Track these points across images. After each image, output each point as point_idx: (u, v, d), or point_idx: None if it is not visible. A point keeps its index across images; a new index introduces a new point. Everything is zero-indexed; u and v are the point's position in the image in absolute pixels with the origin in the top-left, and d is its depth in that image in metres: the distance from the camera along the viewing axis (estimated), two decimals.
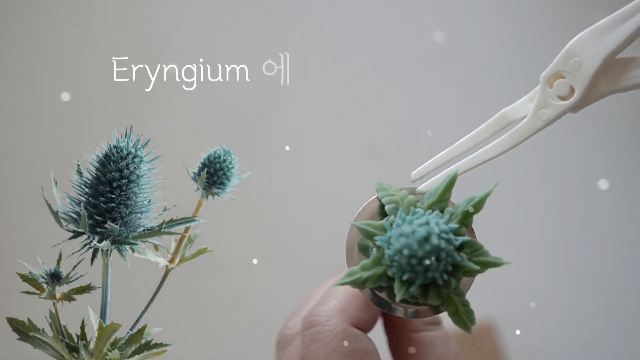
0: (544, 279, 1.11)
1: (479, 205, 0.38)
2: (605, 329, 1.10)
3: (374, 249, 0.39)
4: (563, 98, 0.42)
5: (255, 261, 1.04)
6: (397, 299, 0.37)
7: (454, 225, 0.38)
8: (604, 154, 1.13)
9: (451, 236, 0.37)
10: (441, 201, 0.39)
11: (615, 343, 1.10)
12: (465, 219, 0.38)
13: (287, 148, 1.08)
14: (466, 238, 0.38)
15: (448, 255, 0.37)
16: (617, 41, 0.42)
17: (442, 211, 0.39)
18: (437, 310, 0.39)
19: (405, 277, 0.37)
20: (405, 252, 0.37)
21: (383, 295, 0.41)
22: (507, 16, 1.12)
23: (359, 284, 0.38)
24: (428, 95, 1.07)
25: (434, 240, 0.36)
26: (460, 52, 1.11)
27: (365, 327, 0.47)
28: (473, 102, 1.06)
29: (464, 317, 0.38)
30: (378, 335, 0.50)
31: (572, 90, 0.42)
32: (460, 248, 0.38)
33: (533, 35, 1.08)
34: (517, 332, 1.07)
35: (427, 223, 0.37)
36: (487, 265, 0.38)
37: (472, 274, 0.38)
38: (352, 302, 0.47)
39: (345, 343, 0.44)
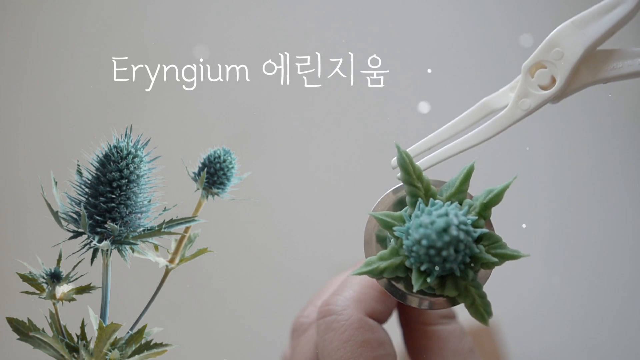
0: (545, 279, 1.11)
1: (497, 198, 0.39)
2: (605, 329, 1.10)
3: (392, 240, 0.39)
4: (544, 88, 0.43)
5: (256, 261, 1.04)
6: (415, 289, 0.38)
7: (472, 217, 0.38)
8: (608, 154, 1.13)
9: (470, 228, 0.37)
10: (459, 192, 0.40)
11: (616, 343, 1.10)
12: (484, 211, 0.39)
13: (287, 148, 1.08)
14: (484, 230, 0.38)
15: (466, 247, 0.37)
16: (599, 32, 0.42)
17: (460, 203, 0.40)
18: (453, 302, 0.40)
19: (423, 268, 0.37)
20: (424, 242, 0.37)
21: (400, 286, 0.42)
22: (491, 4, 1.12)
23: (376, 273, 0.39)
24: (431, 94, 1.08)
25: (453, 232, 0.37)
26: (453, 44, 1.11)
27: (380, 318, 0.47)
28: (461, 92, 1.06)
29: (480, 309, 0.38)
30: (393, 328, 0.50)
31: (554, 80, 0.42)
32: (479, 240, 0.38)
33: (516, 23, 1.08)
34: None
35: (447, 214, 0.37)
36: (505, 257, 0.38)
37: (489, 266, 0.38)
38: (368, 292, 0.47)
39: (360, 332, 0.45)
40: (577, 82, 0.42)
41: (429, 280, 0.37)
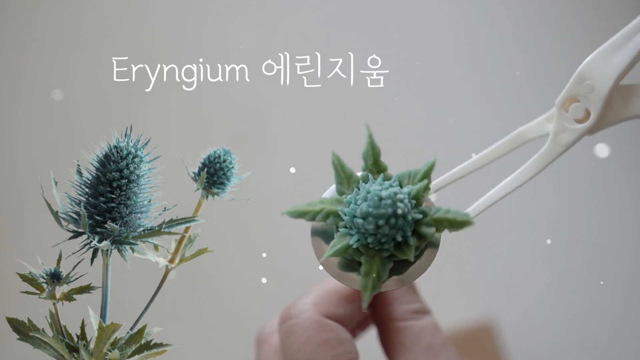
0: (544, 279, 1.11)
1: (425, 175, 0.40)
2: (606, 329, 1.10)
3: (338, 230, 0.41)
4: (579, 121, 0.43)
5: (256, 261, 1.04)
6: (362, 258, 0.40)
7: (411, 187, 0.40)
8: (607, 154, 1.12)
9: (405, 196, 0.39)
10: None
11: (616, 343, 1.10)
12: (421, 190, 0.40)
13: (287, 148, 1.08)
14: (425, 208, 0.40)
15: (408, 212, 0.39)
16: (627, 59, 0.42)
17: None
18: (402, 282, 0.41)
19: (370, 240, 0.39)
20: (368, 212, 0.38)
21: (354, 274, 0.43)
22: (520, 18, 1.12)
23: (340, 252, 0.40)
24: (433, 94, 1.08)
25: (393, 201, 0.38)
26: (468, 56, 1.11)
27: (340, 321, 0.47)
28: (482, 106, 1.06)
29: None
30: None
31: (588, 113, 0.43)
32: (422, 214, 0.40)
33: (515, 23, 1.08)
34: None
35: (386, 187, 0.39)
36: (442, 222, 0.39)
37: (430, 233, 0.39)
38: (327, 296, 0.47)
39: (319, 332, 0.45)
40: (613, 114, 0.43)
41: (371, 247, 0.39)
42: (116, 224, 0.41)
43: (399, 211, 0.38)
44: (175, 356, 0.45)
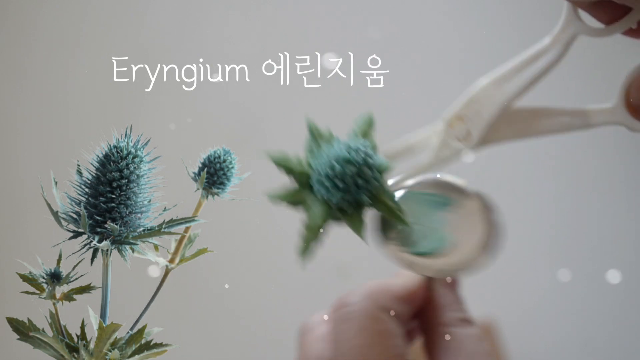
0: (545, 280, 1.11)
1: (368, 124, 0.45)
2: (606, 329, 1.10)
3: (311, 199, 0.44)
4: (461, 140, 0.45)
5: (256, 261, 1.04)
6: (334, 201, 0.42)
7: (363, 140, 0.43)
8: (609, 154, 1.13)
9: (362, 146, 0.43)
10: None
11: (616, 343, 1.10)
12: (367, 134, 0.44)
13: (287, 148, 1.08)
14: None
15: (366, 155, 0.42)
16: (516, 90, 0.44)
17: None
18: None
19: (342, 186, 0.42)
20: (330, 165, 0.42)
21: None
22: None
23: (322, 215, 0.43)
24: (429, 93, 1.07)
25: (350, 152, 0.42)
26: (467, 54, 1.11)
27: (394, 318, 0.48)
28: None
29: (396, 212, 0.43)
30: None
31: (470, 134, 0.45)
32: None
33: (514, 22, 1.08)
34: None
35: (340, 143, 0.43)
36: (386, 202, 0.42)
37: (385, 166, 0.42)
38: (383, 292, 0.48)
39: (375, 323, 0.46)
40: (494, 136, 0.45)
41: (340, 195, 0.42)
42: (116, 224, 0.41)
43: (366, 158, 0.42)
44: (175, 356, 0.45)
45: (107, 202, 0.41)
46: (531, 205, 1.10)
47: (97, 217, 0.41)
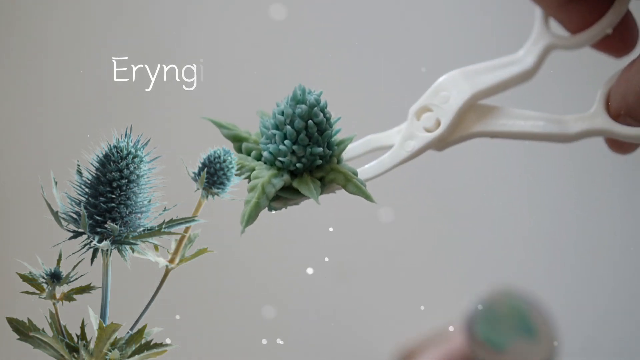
0: (545, 279, 1.11)
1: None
2: (606, 329, 1.10)
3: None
4: (429, 130, 0.44)
5: (256, 261, 1.04)
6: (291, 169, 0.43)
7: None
8: (608, 154, 1.12)
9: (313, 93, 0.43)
10: None
11: (616, 343, 1.10)
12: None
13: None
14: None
15: (317, 99, 0.43)
16: (487, 84, 0.43)
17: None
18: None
19: (296, 148, 0.42)
20: (279, 112, 0.43)
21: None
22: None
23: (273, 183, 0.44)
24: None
25: (300, 92, 0.43)
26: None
27: None
28: None
29: (357, 183, 0.42)
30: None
31: (438, 123, 0.44)
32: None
33: (513, 22, 1.08)
34: None
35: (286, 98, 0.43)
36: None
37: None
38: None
39: None
40: (463, 129, 0.44)
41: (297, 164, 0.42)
42: (116, 224, 0.41)
43: (318, 99, 0.42)
44: (175, 356, 0.45)
45: (107, 202, 0.41)
46: (531, 205, 1.10)
47: (97, 217, 0.41)
